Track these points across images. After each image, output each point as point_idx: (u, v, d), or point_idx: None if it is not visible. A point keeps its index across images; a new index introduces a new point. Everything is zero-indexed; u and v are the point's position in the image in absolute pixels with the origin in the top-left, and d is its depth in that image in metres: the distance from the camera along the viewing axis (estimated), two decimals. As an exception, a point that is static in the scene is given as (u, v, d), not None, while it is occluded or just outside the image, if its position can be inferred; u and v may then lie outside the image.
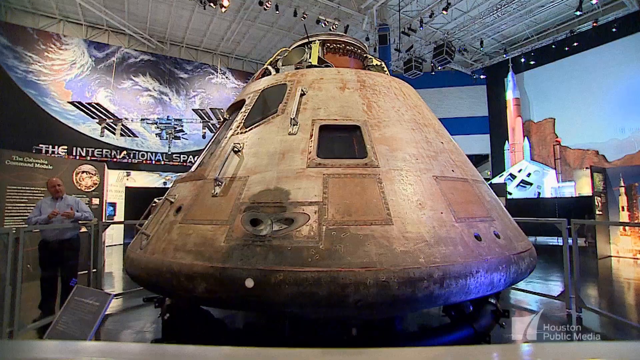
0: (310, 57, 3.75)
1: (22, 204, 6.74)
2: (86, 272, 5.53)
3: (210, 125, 17.78)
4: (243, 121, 3.00)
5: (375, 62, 4.60)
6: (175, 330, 3.13)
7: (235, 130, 2.96)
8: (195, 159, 14.16)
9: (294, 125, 2.74)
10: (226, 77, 19.31)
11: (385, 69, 4.63)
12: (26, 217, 5.68)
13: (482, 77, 20.61)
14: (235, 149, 2.64)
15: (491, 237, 2.76)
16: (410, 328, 3.93)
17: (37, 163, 7.28)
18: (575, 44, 16.51)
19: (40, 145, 14.32)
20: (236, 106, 3.48)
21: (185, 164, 17.03)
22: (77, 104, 15.43)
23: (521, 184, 16.96)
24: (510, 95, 19.31)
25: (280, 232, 2.17)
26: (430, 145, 3.16)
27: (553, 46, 17.25)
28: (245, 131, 2.89)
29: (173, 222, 2.55)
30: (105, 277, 7.03)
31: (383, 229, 2.32)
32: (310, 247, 2.11)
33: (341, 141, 2.91)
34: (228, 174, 2.58)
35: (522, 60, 18.76)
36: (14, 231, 4.04)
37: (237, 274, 2.04)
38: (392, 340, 2.97)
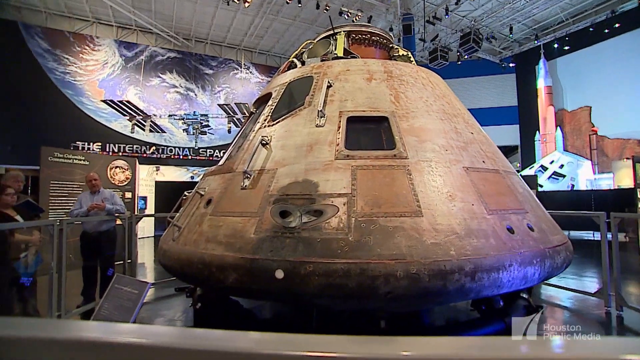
0: (335, 49, 3.73)
1: (63, 198, 7.12)
2: (121, 262, 5.79)
3: (235, 120, 18.04)
4: (270, 114, 3.03)
5: (401, 52, 4.52)
6: (206, 319, 3.23)
7: (262, 124, 2.99)
8: (221, 153, 14.49)
9: (321, 117, 2.73)
10: (250, 72, 19.50)
11: (412, 59, 4.53)
12: (67, 210, 6.02)
13: (511, 65, 19.72)
14: (263, 141, 2.67)
15: (524, 230, 2.67)
16: (438, 322, 3.88)
17: (76, 159, 7.65)
18: (616, 25, 15.46)
19: (77, 143, 15.02)
20: (263, 100, 3.51)
21: (211, 158, 17.40)
22: (109, 102, 16.05)
23: (553, 175, 16.23)
24: (541, 84, 18.40)
25: (310, 224, 2.18)
26: (459, 135, 3.09)
27: (591, 29, 16.22)
28: (273, 124, 2.91)
29: (204, 214, 2.62)
30: (138, 268, 7.33)
31: (413, 221, 2.29)
32: (339, 239, 2.12)
33: (369, 132, 2.88)
34: (256, 167, 2.61)
35: (555, 45, 17.77)
36: (58, 223, 4.28)
37: (267, 265, 2.08)
38: (419, 334, 2.94)
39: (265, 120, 3.01)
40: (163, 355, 0.47)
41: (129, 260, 5.80)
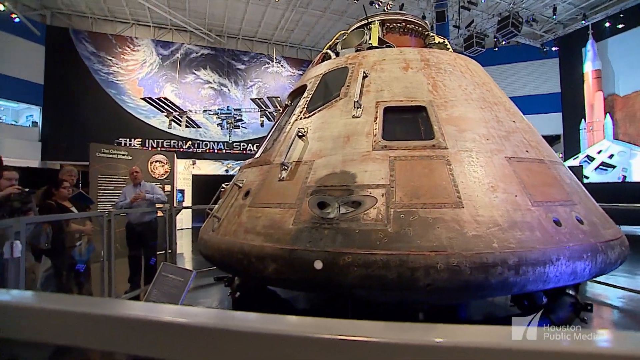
0: (370, 39, 3.67)
1: (109, 191, 7.56)
2: (163, 252, 6.09)
3: (268, 114, 18.29)
4: (306, 106, 3.05)
5: (437, 39, 4.38)
6: (244, 308, 3.33)
7: (298, 116, 3.02)
8: (255, 146, 14.77)
9: (357, 108, 2.71)
10: (281, 66, 19.66)
11: (449, 46, 4.38)
12: (114, 202, 6.40)
13: (553, 49, 18.43)
14: (300, 133, 2.69)
15: (573, 223, 2.53)
16: (475, 316, 3.78)
17: (120, 154, 8.09)
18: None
19: (120, 139, 15.86)
20: (298, 92, 3.53)
21: (245, 152, 17.79)
22: (148, 100, 16.77)
23: (601, 166, 15.16)
24: (589, 67, 17.03)
25: (348, 215, 2.19)
26: (501, 124, 2.96)
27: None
28: (309, 116, 2.93)
29: (242, 206, 2.69)
30: (177, 258, 7.66)
31: (453, 212, 2.24)
32: (378, 230, 2.11)
33: (406, 123, 2.83)
34: (293, 159, 2.64)
35: (607, 24, 16.27)
36: (107, 214, 4.57)
37: (306, 256, 2.11)
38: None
39: (301, 112, 3.03)
40: (207, 334, 0.49)
41: (170, 250, 6.09)
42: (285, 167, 2.55)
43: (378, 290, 2.09)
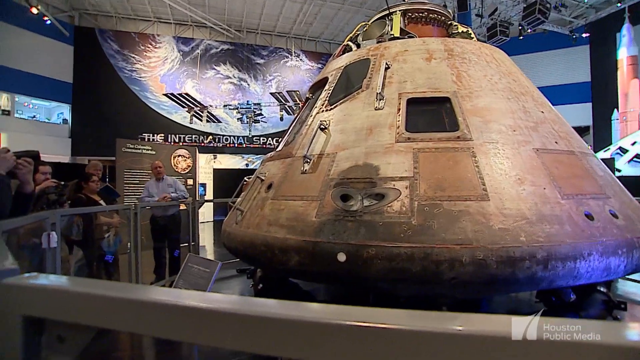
0: (391, 29, 3.61)
1: (134, 185, 7.81)
2: (186, 244, 6.25)
3: (287, 108, 18.36)
4: (327, 99, 3.04)
5: (460, 28, 4.26)
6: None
7: (320, 108, 3.01)
8: (274, 140, 14.90)
9: (380, 99, 2.69)
10: (300, 60, 19.63)
11: (473, 35, 4.26)
12: (139, 195, 6.60)
13: (584, 35, 17.50)
14: (322, 126, 2.69)
15: (606, 217, 2.44)
16: (498, 312, 3.71)
17: (144, 149, 8.33)
18: None
19: (143, 134, 16.28)
20: (319, 85, 3.52)
21: (265, 146, 17.95)
22: (170, 96, 17.12)
23: (635, 158, 14.43)
24: (623, 54, 15.96)
25: (371, 208, 2.18)
26: (528, 115, 2.87)
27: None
28: (330, 108, 2.92)
29: (265, 199, 2.72)
30: (200, 250, 7.85)
31: (479, 205, 2.19)
32: (402, 223, 2.09)
33: (430, 114, 2.78)
34: (316, 151, 2.65)
35: (645, 6, 15.24)
36: (133, 207, 4.72)
37: (329, 248, 2.12)
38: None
39: (322, 104, 3.02)
40: (231, 319, 0.50)
41: (193, 243, 6.24)
42: (308, 160, 2.56)
43: (402, 283, 2.08)
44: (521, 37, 16.07)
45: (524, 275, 2.08)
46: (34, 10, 13.44)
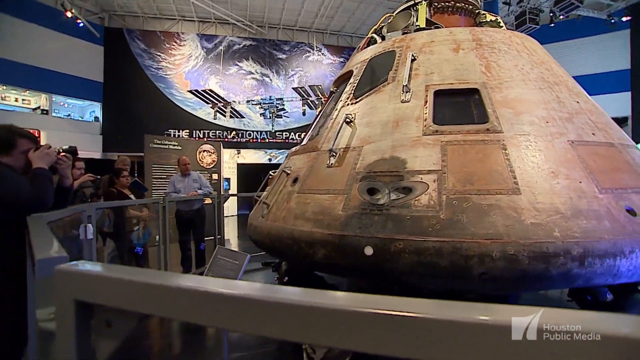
0: (417, 20, 3.53)
1: (162, 179, 8.05)
2: (212, 237, 6.40)
3: (310, 102, 18.37)
4: (352, 92, 3.02)
5: (489, 17, 4.12)
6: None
7: (345, 102, 3.00)
8: (297, 135, 14.96)
9: (406, 92, 2.64)
10: (322, 54, 19.56)
11: (502, 23, 4.11)
12: (166, 190, 6.81)
13: (624, 19, 16.34)
14: (347, 119, 2.68)
15: (650, 212, 2.31)
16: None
17: (171, 145, 8.57)
18: None
19: (169, 130, 16.73)
20: (343, 78, 3.50)
21: (287, 140, 18.07)
22: (194, 92, 17.49)
23: (678, 151, 13.54)
24: None
25: (399, 201, 2.16)
26: (562, 105, 2.75)
27: None
28: (356, 102, 2.90)
29: (291, 192, 2.75)
30: (224, 244, 8.03)
31: (510, 199, 2.13)
32: (430, 217, 2.06)
33: (458, 106, 2.71)
34: (341, 145, 2.64)
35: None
36: (162, 201, 4.88)
37: (356, 242, 2.12)
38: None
39: (347, 98, 3.00)
40: (268, 307, 0.52)
41: (219, 236, 6.39)
42: (334, 154, 2.56)
43: (429, 278, 2.05)
44: (552, 25, 15.30)
45: (558, 272, 2.01)
46: (69, 14, 14.08)
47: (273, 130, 18.21)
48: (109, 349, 0.56)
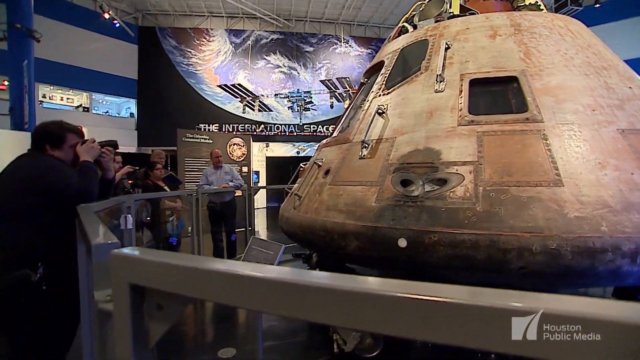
0: (450, 7, 3.41)
1: (194, 172, 8.31)
2: (242, 229, 6.55)
3: (337, 95, 18.28)
4: (384, 83, 2.97)
5: (527, 0, 3.91)
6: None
7: (377, 93, 2.95)
8: (324, 128, 14.93)
9: (440, 82, 2.57)
10: (349, 46, 19.36)
11: (542, 6, 3.89)
12: (198, 182, 7.03)
13: None
14: (380, 110, 2.64)
15: None
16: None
17: (202, 139, 8.81)
18: None
19: (200, 125, 17.20)
20: (374, 69, 3.45)
21: (315, 133, 18.11)
22: (223, 87, 17.84)
23: None
24: None
25: (433, 193, 2.11)
26: (612, 92, 2.58)
27: None
28: (388, 92, 2.85)
29: (323, 184, 2.75)
30: (254, 235, 8.20)
31: (551, 191, 2.03)
32: (466, 209, 2.01)
33: (495, 95, 2.61)
34: (374, 136, 2.61)
35: None
36: (195, 193, 5.05)
37: (390, 234, 2.10)
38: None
39: (379, 89, 2.96)
40: (291, 289, 0.53)
41: (249, 228, 6.53)
42: (366, 145, 2.54)
43: (465, 271, 2.00)
44: (597, 5, 14.29)
45: (606, 269, 1.90)
46: (106, 16, 14.78)
47: (301, 124, 18.29)
48: (160, 331, 0.59)
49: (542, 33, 2.89)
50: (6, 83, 10.51)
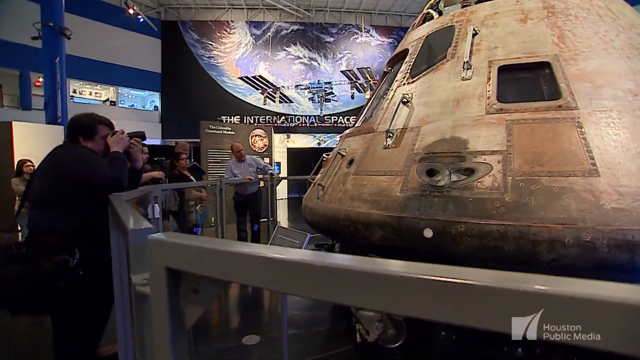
0: (478, -9, 3.28)
1: (217, 163, 8.46)
2: (265, 220, 6.64)
3: (358, 85, 18.09)
4: (409, 71, 2.91)
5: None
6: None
7: (401, 81, 2.90)
8: (345, 119, 14.84)
9: (467, 69, 2.49)
10: (370, 35, 19.05)
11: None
12: (220, 173, 7.16)
13: None
14: (404, 99, 2.59)
15: None
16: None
17: (224, 130, 8.93)
18: None
19: (221, 117, 17.45)
20: (398, 57, 3.38)
21: (336, 124, 18.04)
22: (244, 79, 17.98)
23: None
24: None
25: (460, 183, 2.07)
26: (658, 76, 2.42)
27: None
28: (412, 81, 2.79)
29: (347, 174, 2.74)
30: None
31: (586, 181, 1.95)
32: (494, 199, 1.96)
33: (525, 82, 2.51)
34: (398, 126, 2.57)
35: None
36: (219, 183, 5.15)
37: (415, 224, 2.07)
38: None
39: (403, 77, 2.90)
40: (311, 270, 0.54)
41: (272, 218, 6.61)
42: (391, 135, 2.50)
43: (492, 263, 1.96)
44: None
45: (645, 263, 1.82)
46: (131, 11, 15.14)
47: (322, 115, 18.24)
48: (195, 314, 0.62)
49: (579, 15, 2.74)
50: (41, 80, 11.01)
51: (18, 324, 3.49)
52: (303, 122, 18.31)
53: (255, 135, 9.46)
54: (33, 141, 8.08)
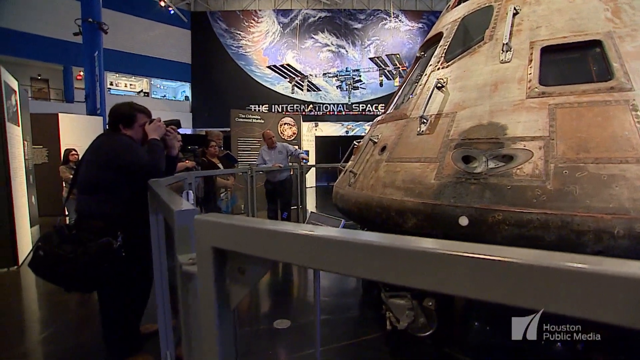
0: (520, -33, 3.09)
1: (246, 152, 8.61)
2: (294, 207, 6.72)
3: (387, 72, 17.71)
4: (443, 55, 2.80)
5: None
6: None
7: (435, 66, 2.81)
8: (374, 107, 14.64)
9: (506, 51, 2.37)
10: (399, 20, 18.52)
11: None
12: (251, 161, 7.28)
13: None
14: (439, 84, 2.51)
15: None
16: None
17: (254, 119, 9.05)
18: None
19: (250, 106, 17.67)
20: (431, 42, 3.27)
21: (364, 112, 17.83)
22: (272, 68, 18.06)
23: None
24: None
25: (498, 170, 2.00)
26: None
27: None
28: (447, 65, 2.69)
29: (379, 161, 2.71)
30: (305, 213, 8.38)
31: None
32: (534, 187, 1.88)
33: (572, 63, 2.36)
34: (432, 111, 2.50)
35: None
36: (249, 171, 5.25)
37: (450, 212, 2.03)
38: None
39: (438, 62, 2.80)
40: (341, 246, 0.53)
41: (301, 206, 6.69)
42: (425, 121, 2.44)
43: (532, 253, 1.89)
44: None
45: None
46: (162, 3, 15.51)
47: (349, 103, 18.06)
48: (241, 294, 0.64)
49: (636, -13, 2.53)
50: (82, 73, 11.59)
51: (71, 299, 3.76)
52: (331, 110, 18.22)
53: (285, 124, 9.52)
54: (76, 131, 8.57)
